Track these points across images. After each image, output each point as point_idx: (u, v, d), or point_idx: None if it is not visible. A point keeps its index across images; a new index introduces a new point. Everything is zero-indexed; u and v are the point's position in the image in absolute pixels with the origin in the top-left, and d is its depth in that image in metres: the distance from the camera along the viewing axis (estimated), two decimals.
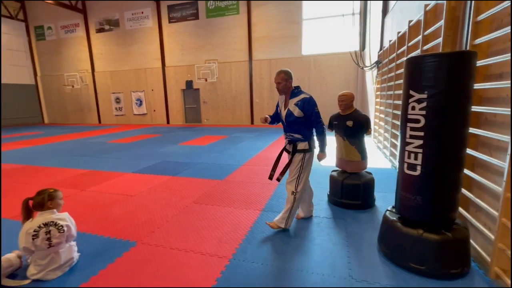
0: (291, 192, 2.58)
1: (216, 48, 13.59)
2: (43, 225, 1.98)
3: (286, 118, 2.58)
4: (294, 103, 2.52)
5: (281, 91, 2.60)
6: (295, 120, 2.53)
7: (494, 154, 2.02)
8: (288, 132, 2.64)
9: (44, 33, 16.65)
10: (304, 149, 2.56)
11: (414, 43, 4.12)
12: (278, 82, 2.54)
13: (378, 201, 3.35)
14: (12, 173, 5.17)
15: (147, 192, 3.91)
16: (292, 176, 2.59)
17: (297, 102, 2.51)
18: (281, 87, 2.55)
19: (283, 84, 2.54)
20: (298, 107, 2.50)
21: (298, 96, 2.53)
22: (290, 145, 2.64)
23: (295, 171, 2.58)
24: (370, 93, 8.99)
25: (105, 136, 10.36)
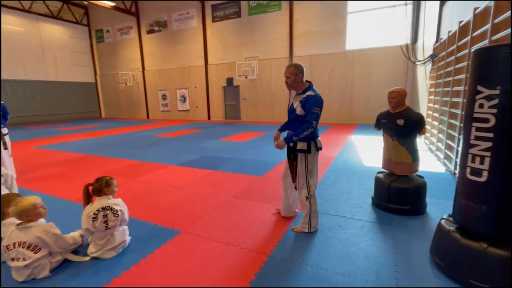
0: (305, 198, 2.50)
1: (257, 46, 13.66)
2: (101, 209, 2.19)
3: (289, 113, 2.47)
4: (299, 100, 2.39)
5: (289, 86, 2.45)
6: (296, 117, 2.41)
7: None
8: (288, 130, 2.52)
9: (103, 36, 18.40)
10: (302, 149, 2.42)
11: (480, 33, 3.65)
12: (287, 77, 2.40)
13: (430, 207, 3.06)
14: (75, 162, 5.83)
15: (189, 184, 4.09)
16: (301, 181, 2.50)
17: (302, 99, 2.37)
18: (290, 81, 2.41)
19: (292, 79, 2.39)
20: (301, 104, 2.36)
21: (305, 93, 2.38)
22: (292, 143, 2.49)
23: (302, 176, 2.49)
24: (421, 90, 8.26)
25: (152, 130, 11.12)
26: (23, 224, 2.01)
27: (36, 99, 16.11)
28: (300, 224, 2.61)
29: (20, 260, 1.94)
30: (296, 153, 2.47)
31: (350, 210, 3.07)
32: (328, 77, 12.40)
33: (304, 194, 2.51)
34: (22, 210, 1.98)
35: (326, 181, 4.08)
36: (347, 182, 4.03)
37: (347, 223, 2.77)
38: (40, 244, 2.00)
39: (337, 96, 12.35)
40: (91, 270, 2.08)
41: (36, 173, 4.93)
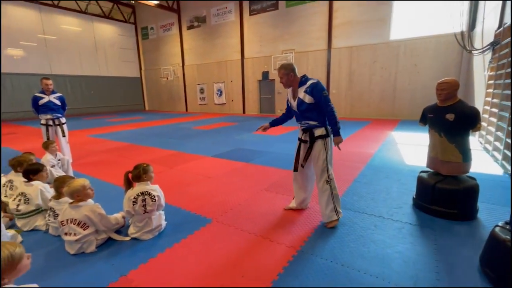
0: (325, 182, 2.54)
1: (293, 38, 13.38)
2: (140, 194, 2.34)
3: (298, 107, 2.56)
4: (304, 91, 2.50)
5: (286, 85, 2.61)
6: (307, 107, 2.50)
7: None
8: (302, 121, 2.60)
9: (148, 33, 19.53)
10: (321, 134, 2.53)
11: None
12: (281, 77, 2.56)
13: (482, 213, 2.74)
14: (120, 150, 6.32)
15: (223, 175, 4.20)
16: (320, 166, 2.55)
17: (306, 89, 2.49)
18: (284, 81, 2.57)
19: (285, 78, 2.54)
20: (307, 93, 2.47)
21: (306, 84, 2.51)
22: (306, 133, 2.61)
23: (321, 161, 2.54)
24: (478, 83, 7.38)
25: (190, 123, 11.60)
26: (74, 203, 2.24)
27: (90, 92, 17.76)
28: (327, 216, 2.55)
29: (71, 235, 2.16)
30: (315, 140, 2.55)
31: (388, 210, 2.88)
32: (368, 69, 11.70)
33: (324, 179, 2.54)
34: (73, 190, 2.20)
35: (362, 179, 3.88)
36: (385, 180, 3.79)
37: (384, 223, 2.61)
38: (88, 222, 2.21)
39: (378, 90, 11.61)
40: (130, 249, 2.25)
41: (88, 159, 5.46)
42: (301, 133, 2.69)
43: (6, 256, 1.19)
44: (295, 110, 2.62)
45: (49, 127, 4.85)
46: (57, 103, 4.90)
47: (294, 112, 2.70)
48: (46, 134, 4.81)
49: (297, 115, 2.66)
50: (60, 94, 5.02)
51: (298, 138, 2.74)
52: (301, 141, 2.68)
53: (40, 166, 2.80)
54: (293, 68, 2.53)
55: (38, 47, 15.27)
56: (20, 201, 2.58)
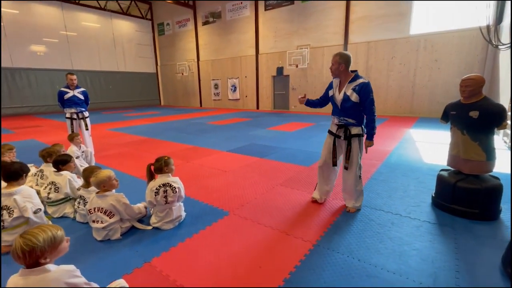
0: (359, 177, 2.70)
1: (309, 33, 13.21)
2: (162, 185, 2.44)
3: (342, 102, 2.59)
4: (352, 88, 2.52)
5: (333, 73, 2.64)
6: (352, 105, 2.54)
7: None
8: (341, 116, 2.65)
9: (164, 29, 19.82)
10: (358, 133, 2.62)
11: None
12: (332, 64, 2.59)
13: (506, 214, 2.67)
14: (139, 143, 6.51)
15: (238, 169, 4.26)
16: (355, 162, 2.66)
17: (355, 87, 2.51)
18: (333, 69, 2.59)
19: (335, 67, 2.56)
20: (355, 92, 2.50)
21: (355, 81, 2.53)
22: (341, 129, 2.67)
23: (356, 157, 2.65)
24: (504, 79, 7.07)
25: (205, 118, 11.75)
26: (101, 193, 2.36)
27: (109, 87, 18.28)
28: (353, 204, 2.77)
29: (99, 222, 2.29)
30: (352, 137, 2.63)
31: (405, 208, 2.85)
32: (386, 65, 11.41)
33: (357, 174, 2.69)
34: (99, 180, 2.32)
35: (379, 176, 3.84)
36: (402, 178, 3.74)
37: (401, 221, 2.59)
38: (113, 210, 2.33)
39: (396, 86, 11.32)
40: (152, 238, 2.35)
41: (109, 152, 5.67)
42: (335, 128, 2.73)
43: (49, 237, 1.28)
44: (337, 103, 2.65)
45: (74, 121, 5.06)
46: (81, 97, 5.11)
47: (334, 104, 2.72)
48: (70, 127, 5.04)
49: (336, 109, 2.69)
50: (83, 89, 5.23)
51: (330, 131, 2.79)
52: (335, 136, 2.72)
53: (68, 157, 2.96)
54: (347, 60, 2.54)
55: (60, 43, 15.83)
56: (50, 189, 2.74)
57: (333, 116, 2.77)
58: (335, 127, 2.73)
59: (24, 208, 2.15)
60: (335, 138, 2.72)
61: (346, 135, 2.64)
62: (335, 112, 2.71)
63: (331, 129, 2.79)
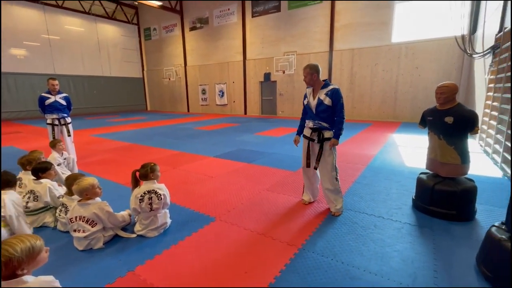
0: (335, 179, 2.85)
1: (295, 40, 13.46)
2: (147, 192, 2.41)
3: (316, 106, 2.79)
4: (324, 93, 2.76)
5: (308, 83, 2.85)
6: (325, 108, 2.76)
7: None
8: (316, 120, 2.83)
9: (151, 33, 19.66)
10: (330, 137, 2.80)
11: None
12: (304, 76, 2.81)
13: (480, 214, 2.80)
14: (124, 149, 6.40)
15: (225, 175, 4.26)
16: (329, 164, 2.82)
17: (327, 92, 2.75)
18: (307, 80, 2.81)
19: (309, 78, 2.79)
20: (328, 96, 2.74)
21: (327, 87, 2.77)
22: (314, 132, 2.85)
23: (330, 159, 2.82)
24: (479, 86, 7.44)
25: (192, 123, 11.68)
26: (83, 201, 2.31)
27: (93, 92, 17.88)
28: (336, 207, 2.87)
29: (80, 231, 2.23)
30: (324, 141, 2.82)
31: (388, 211, 2.94)
32: (370, 72, 11.76)
33: (333, 176, 2.84)
34: (82, 188, 2.27)
35: (363, 180, 3.94)
36: (385, 182, 3.85)
37: (384, 223, 2.67)
38: (96, 219, 2.28)
39: (379, 92, 11.67)
40: (136, 246, 2.31)
41: (92, 158, 5.54)
42: (309, 131, 2.90)
43: (27, 247, 1.25)
44: (312, 109, 2.84)
45: (55, 127, 4.92)
46: (63, 103, 4.99)
47: (309, 110, 2.89)
48: (52, 133, 4.89)
49: (311, 114, 2.87)
50: (65, 94, 5.10)
51: (304, 135, 2.97)
52: (309, 139, 2.90)
53: (49, 165, 2.88)
54: (318, 70, 2.80)
55: (42, 47, 15.39)
56: (29, 198, 2.65)
57: (307, 120, 2.95)
58: (309, 130, 2.91)
59: None
60: (309, 141, 2.91)
61: (319, 139, 2.82)
62: (310, 117, 2.90)
63: (305, 133, 2.97)
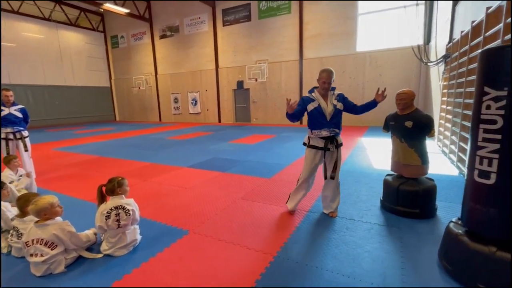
0: (338, 184, 2.90)
1: (267, 49, 13.75)
2: (114, 208, 2.28)
3: (333, 113, 2.71)
4: (335, 98, 2.75)
5: (326, 90, 2.73)
6: (339, 112, 2.75)
7: None
8: (331, 128, 2.72)
9: (118, 41, 18.99)
10: (342, 142, 2.84)
11: (492, 33, 3.57)
12: (328, 83, 2.68)
13: (441, 211, 3.01)
14: (89, 163, 6.03)
15: (199, 185, 4.17)
16: (337, 170, 2.84)
17: (336, 97, 2.76)
18: (327, 85, 2.69)
19: (329, 82, 2.69)
20: (339, 101, 2.74)
21: (334, 92, 2.79)
22: (328, 140, 2.73)
23: (339, 166, 2.86)
24: (435, 91, 8.08)
25: (164, 133, 11.36)
26: (41, 222, 2.12)
27: (55, 103, 16.76)
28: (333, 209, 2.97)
29: (38, 256, 2.05)
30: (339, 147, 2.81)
31: (358, 212, 3.05)
32: (338, 79, 12.29)
33: (337, 180, 2.89)
34: (40, 208, 2.09)
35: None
36: (355, 184, 4.01)
37: (355, 225, 2.76)
38: (56, 241, 2.10)
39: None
40: (103, 267, 2.17)
41: (54, 174, 5.15)
42: (323, 141, 2.74)
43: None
44: (326, 115, 2.69)
45: (9, 141, 4.52)
46: (19, 115, 4.60)
47: (320, 118, 2.70)
48: (6, 148, 4.48)
49: (324, 121, 2.69)
50: (21, 106, 4.72)
51: (315, 146, 2.77)
52: (324, 149, 2.75)
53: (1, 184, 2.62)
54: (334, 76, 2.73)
55: None
56: None
57: (316, 130, 2.73)
58: (321, 140, 2.73)
59: None
60: (323, 151, 2.75)
61: (335, 146, 2.76)
62: (322, 124, 2.69)
63: (315, 143, 2.76)
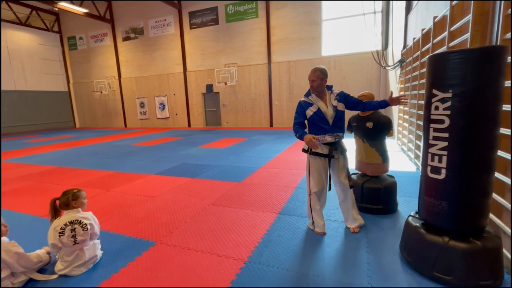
0: (350, 187, 2.59)
1: (235, 52, 13.76)
2: (69, 223, 2.09)
3: (335, 116, 2.45)
4: (334, 98, 2.50)
5: (314, 90, 2.50)
6: (341, 115, 2.51)
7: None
8: (334, 132, 2.46)
9: (76, 43, 17.78)
10: (346, 148, 2.60)
11: (439, 40, 3.92)
12: (313, 80, 2.47)
13: (401, 206, 3.20)
14: (45, 174, 5.53)
15: (167, 193, 4.01)
16: (347, 173, 2.59)
17: (336, 97, 2.51)
18: (316, 85, 2.47)
19: (318, 82, 2.46)
20: (339, 101, 2.49)
21: (333, 92, 2.54)
22: (332, 146, 2.47)
23: (347, 169, 2.61)
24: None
25: (130, 139, 10.81)
26: None
27: (3, 109, 15.17)
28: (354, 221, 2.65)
29: None
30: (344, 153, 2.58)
31: (327, 211, 3.13)
32: (306, 83, 12.62)
33: (348, 185, 2.59)
34: None
35: (303, 185, 4.14)
36: None
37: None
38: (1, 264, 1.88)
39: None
40: None
41: (2, 188, 4.62)
42: (327, 148, 2.47)
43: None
44: (328, 119, 2.43)
45: None
46: None
47: (322, 122, 2.45)
48: None
49: (326, 125, 2.44)
50: None
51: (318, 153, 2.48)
52: (329, 157, 2.47)
53: None
54: (327, 75, 2.49)
55: None
56: None
57: (318, 135, 2.46)
58: (326, 148, 2.47)
59: None
60: (329, 159, 2.49)
61: (341, 152, 2.52)
62: (324, 130, 2.45)
63: (319, 151, 2.47)
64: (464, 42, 2.97)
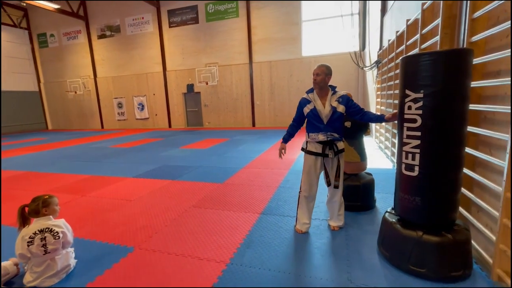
0: (342, 193, 2.66)
1: (216, 52, 13.63)
2: (38, 232, 1.98)
3: (330, 116, 2.46)
4: (335, 99, 2.49)
5: (317, 84, 2.50)
6: (339, 117, 2.48)
7: (494, 153, 1.98)
8: (328, 132, 2.46)
9: (47, 40, 16.84)
10: (343, 148, 2.58)
11: (412, 42, 4.09)
12: (317, 74, 2.47)
13: (379, 202, 3.31)
14: (13, 180, 5.20)
15: (146, 196, 3.90)
16: (340, 178, 2.58)
17: (338, 98, 2.49)
18: (319, 79, 2.47)
19: (322, 77, 2.47)
20: (340, 103, 2.47)
21: (336, 94, 2.53)
22: (326, 146, 2.48)
23: (342, 173, 2.60)
24: (371, 93, 8.94)
25: (107, 141, 10.41)
26: None
27: None
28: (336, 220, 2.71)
29: None
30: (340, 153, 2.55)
31: None
32: (287, 82, 12.82)
33: (341, 190, 2.64)
34: None
35: (285, 184, 4.18)
36: None
37: None
38: None
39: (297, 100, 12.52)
40: None
41: None
42: (320, 146, 2.50)
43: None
44: (323, 118, 2.46)
45: None
46: None
47: (316, 121, 2.49)
48: None
49: (321, 124, 2.47)
50: None
51: (312, 152, 2.54)
52: (322, 156, 2.51)
53: None
54: (331, 73, 2.51)
55: None
56: None
57: (313, 133, 2.52)
58: (319, 145, 2.50)
59: None
60: (322, 158, 2.53)
61: (335, 152, 2.49)
62: (318, 128, 2.48)
63: (312, 149, 2.54)
64: (434, 44, 3.11)
